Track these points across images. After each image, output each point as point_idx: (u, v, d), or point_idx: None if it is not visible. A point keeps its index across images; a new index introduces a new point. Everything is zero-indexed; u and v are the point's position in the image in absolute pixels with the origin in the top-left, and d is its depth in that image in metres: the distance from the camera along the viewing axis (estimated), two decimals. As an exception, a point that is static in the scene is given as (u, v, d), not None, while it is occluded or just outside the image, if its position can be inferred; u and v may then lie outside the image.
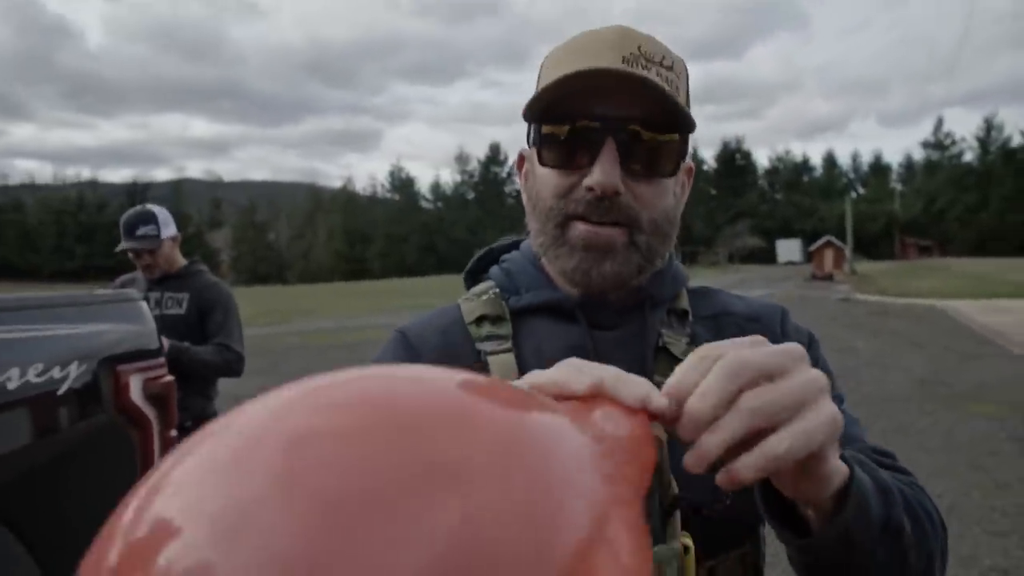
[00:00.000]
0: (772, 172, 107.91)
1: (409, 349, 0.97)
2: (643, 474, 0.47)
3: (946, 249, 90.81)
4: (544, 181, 0.91)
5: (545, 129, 0.89)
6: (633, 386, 0.51)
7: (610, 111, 0.85)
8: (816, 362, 0.96)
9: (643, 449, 0.48)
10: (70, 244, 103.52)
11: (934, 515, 0.79)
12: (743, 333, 0.60)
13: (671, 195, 0.93)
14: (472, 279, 1.08)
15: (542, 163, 0.90)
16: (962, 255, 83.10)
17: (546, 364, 0.65)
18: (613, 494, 0.42)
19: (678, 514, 0.71)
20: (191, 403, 3.44)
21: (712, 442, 0.52)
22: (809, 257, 64.11)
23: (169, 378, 2.56)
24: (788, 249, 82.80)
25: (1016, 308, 19.58)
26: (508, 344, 0.93)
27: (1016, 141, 68.95)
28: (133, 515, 0.37)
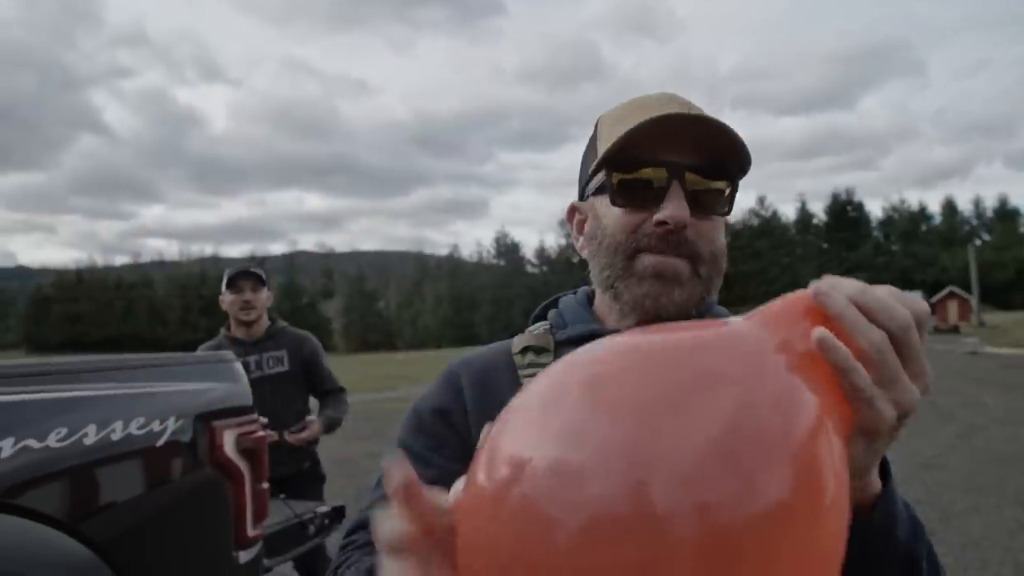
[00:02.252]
0: (887, 223, 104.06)
1: (453, 375, 1.06)
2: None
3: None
4: (613, 219, 0.98)
5: (616, 176, 0.98)
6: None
7: (675, 156, 0.94)
8: None
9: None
10: (194, 317, 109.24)
11: None
12: None
13: (723, 233, 1.01)
14: (535, 321, 1.17)
15: (614, 203, 0.98)
16: (1103, 303, 77.21)
17: None
18: (824, 405, 0.56)
19: None
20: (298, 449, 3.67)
21: (840, 302, 0.59)
22: (932, 309, 60.94)
23: (261, 433, 2.70)
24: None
25: None
26: None
27: None
28: (512, 424, 0.57)
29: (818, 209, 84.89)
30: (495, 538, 0.51)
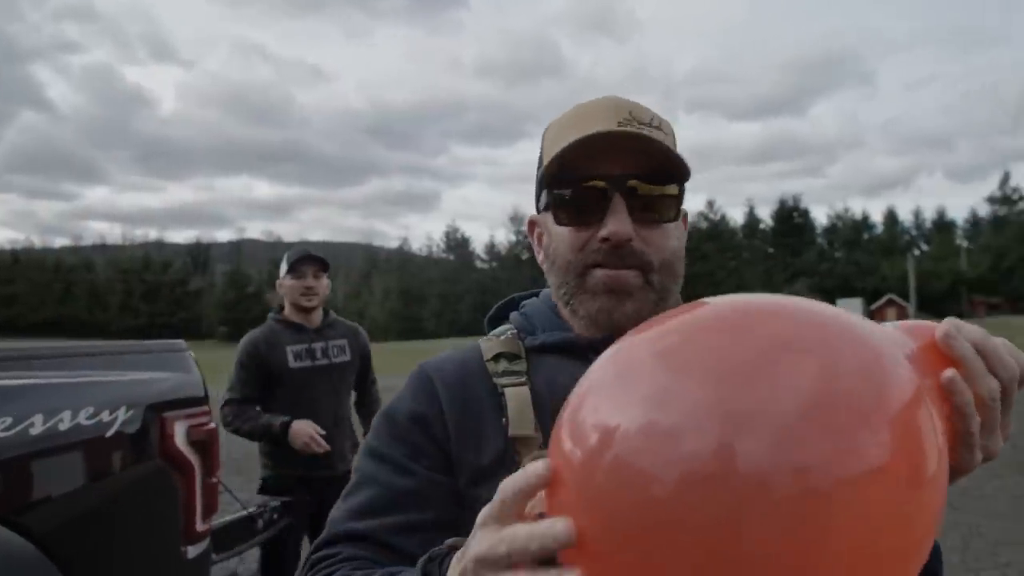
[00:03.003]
0: (831, 230, 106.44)
1: (426, 380, 1.02)
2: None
3: (1017, 306, 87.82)
4: (560, 238, 0.99)
5: (557, 193, 0.98)
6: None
7: (614, 170, 0.94)
8: None
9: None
10: (136, 302, 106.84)
11: None
12: None
13: (675, 238, 1.01)
14: (493, 325, 1.14)
15: (558, 223, 0.99)
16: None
17: (559, 398, 0.73)
18: (926, 385, 0.60)
19: None
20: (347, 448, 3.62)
21: (967, 349, 0.65)
22: (870, 316, 62.72)
23: (212, 425, 2.64)
24: (848, 308, 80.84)
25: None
26: (523, 378, 0.99)
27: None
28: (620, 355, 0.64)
29: (765, 214, 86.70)
30: (592, 501, 0.55)
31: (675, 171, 0.97)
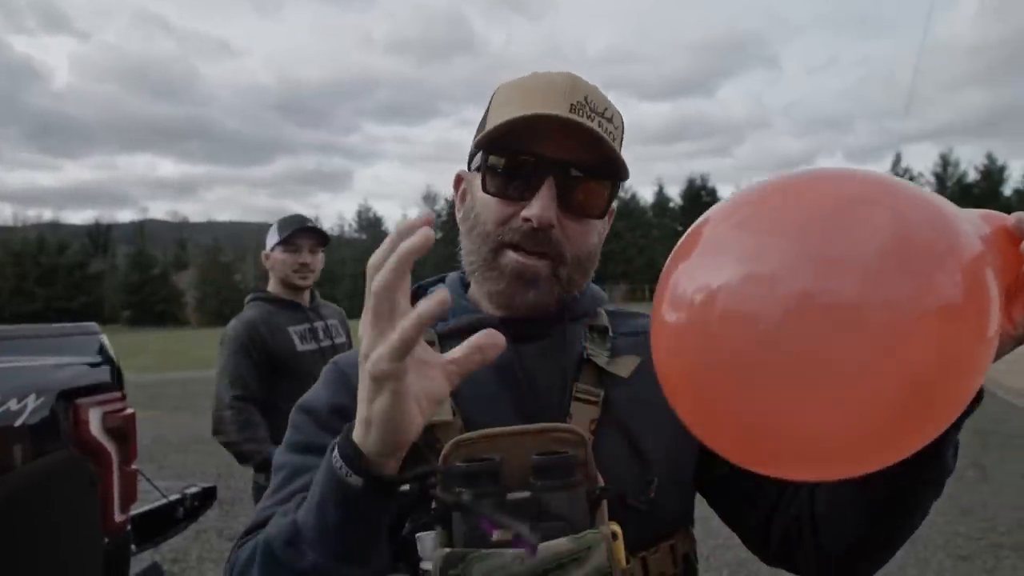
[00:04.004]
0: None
1: (342, 375, 1.00)
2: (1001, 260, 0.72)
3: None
4: (485, 207, 0.97)
5: (492, 159, 0.96)
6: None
7: (553, 152, 0.93)
8: None
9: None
10: (30, 286, 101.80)
11: None
12: None
13: (596, 235, 1.01)
14: None
15: (485, 190, 0.97)
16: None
17: (473, 380, 0.72)
18: (991, 259, 0.66)
19: (605, 504, 0.83)
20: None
21: None
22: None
23: (130, 411, 2.52)
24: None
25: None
26: None
27: (971, 177, 70.81)
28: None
29: (674, 193, 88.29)
30: (707, 350, 0.64)
31: (613, 169, 0.96)
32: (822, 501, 0.97)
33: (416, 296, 1.13)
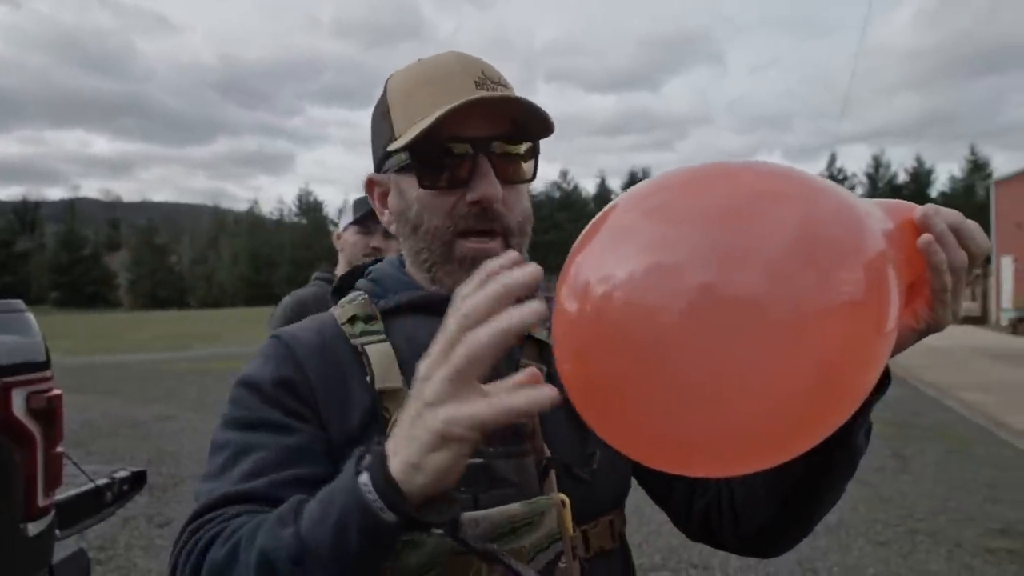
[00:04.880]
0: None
1: (284, 347, 0.97)
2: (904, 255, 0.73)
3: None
4: (426, 203, 0.97)
5: (421, 156, 0.96)
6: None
7: (476, 131, 0.93)
8: None
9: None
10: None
11: None
12: None
13: (527, 197, 1.02)
14: (340, 295, 1.11)
15: (423, 186, 0.96)
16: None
17: (420, 354, 0.72)
18: (893, 255, 0.67)
19: (553, 474, 0.85)
20: None
21: (942, 226, 0.77)
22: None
23: (56, 392, 2.46)
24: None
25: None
26: (382, 336, 0.97)
27: (901, 178, 73.25)
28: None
29: (616, 186, 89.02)
30: (605, 341, 0.62)
31: (536, 128, 0.97)
32: (737, 483, 1.02)
33: (352, 277, 1.13)
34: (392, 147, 0.97)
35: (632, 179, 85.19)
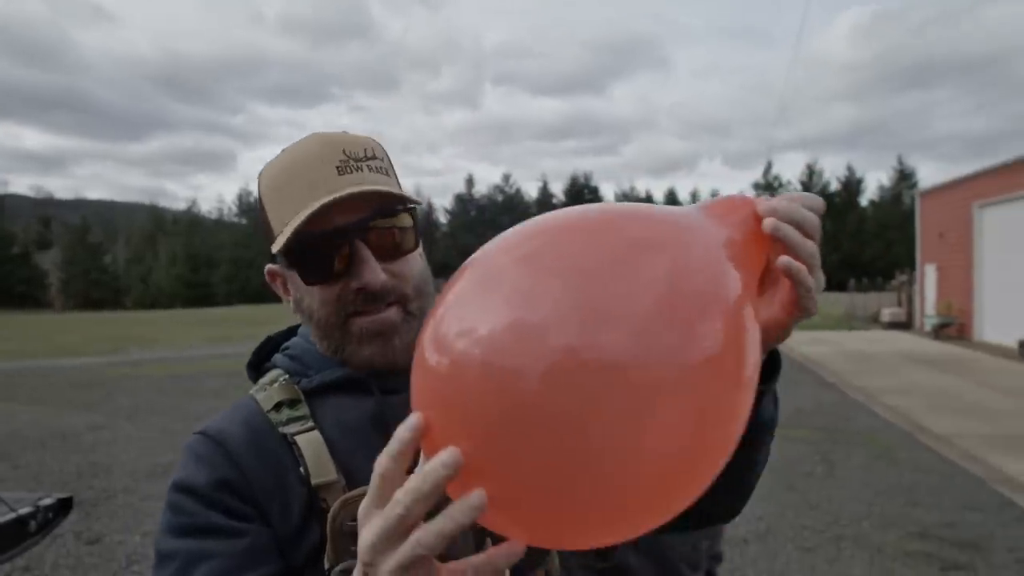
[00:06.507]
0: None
1: (215, 446, 0.96)
2: (756, 268, 0.73)
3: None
4: (314, 295, 0.98)
5: (297, 254, 0.97)
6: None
7: (348, 218, 0.94)
8: None
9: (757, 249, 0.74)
10: None
11: None
12: None
13: (419, 259, 1.03)
14: (255, 370, 1.11)
15: (307, 283, 0.98)
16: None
17: (350, 436, 0.73)
18: (744, 276, 0.67)
19: (489, 540, 0.91)
20: None
21: (790, 233, 0.74)
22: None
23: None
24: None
25: (832, 339, 21.28)
26: (310, 423, 0.97)
27: (834, 187, 75.41)
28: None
29: (559, 190, 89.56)
30: (464, 411, 0.58)
31: (402, 199, 0.98)
32: None
33: (266, 351, 1.12)
34: (273, 249, 0.98)
35: (574, 183, 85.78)
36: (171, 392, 12.78)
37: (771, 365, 0.90)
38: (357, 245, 0.94)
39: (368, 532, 0.61)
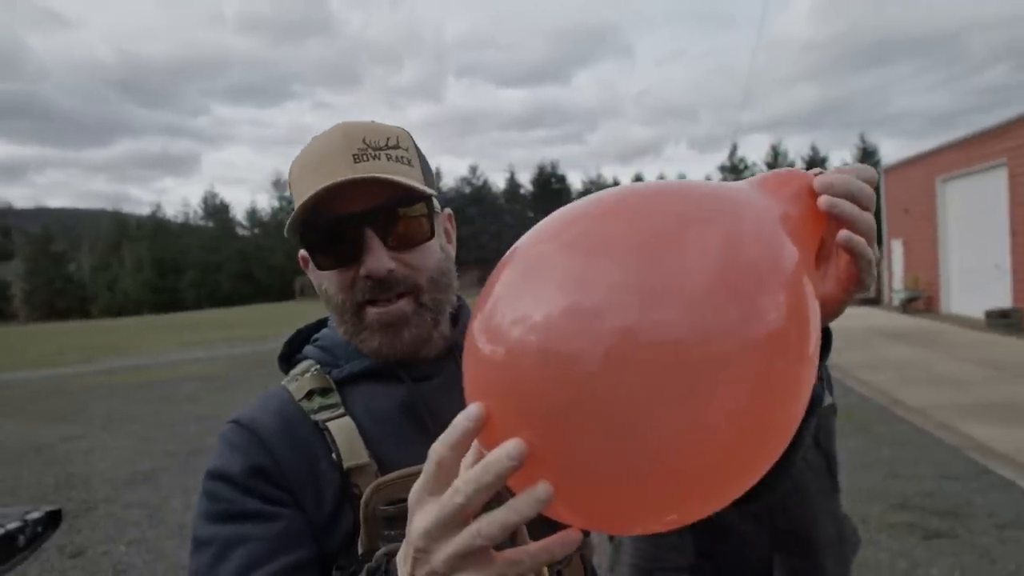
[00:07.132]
0: (584, 195, 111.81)
1: (249, 434, 0.98)
2: (812, 243, 0.72)
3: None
4: (328, 282, 1.01)
5: (311, 238, 0.99)
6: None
7: (361, 205, 0.95)
8: None
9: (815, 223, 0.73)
10: None
11: None
12: None
13: (438, 250, 1.04)
14: (286, 362, 1.13)
15: (319, 267, 1.00)
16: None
17: (380, 422, 0.74)
18: (801, 249, 0.66)
19: (524, 526, 0.89)
20: None
21: (850, 210, 0.73)
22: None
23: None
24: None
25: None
26: (342, 410, 0.99)
27: (798, 166, 76.07)
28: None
29: (526, 179, 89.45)
30: (523, 400, 0.57)
31: (418, 190, 0.98)
32: None
33: (298, 343, 1.14)
34: (286, 233, 1.00)
35: (541, 172, 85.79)
36: (146, 399, 12.58)
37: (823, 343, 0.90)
38: (367, 232, 0.95)
39: (423, 518, 0.60)
